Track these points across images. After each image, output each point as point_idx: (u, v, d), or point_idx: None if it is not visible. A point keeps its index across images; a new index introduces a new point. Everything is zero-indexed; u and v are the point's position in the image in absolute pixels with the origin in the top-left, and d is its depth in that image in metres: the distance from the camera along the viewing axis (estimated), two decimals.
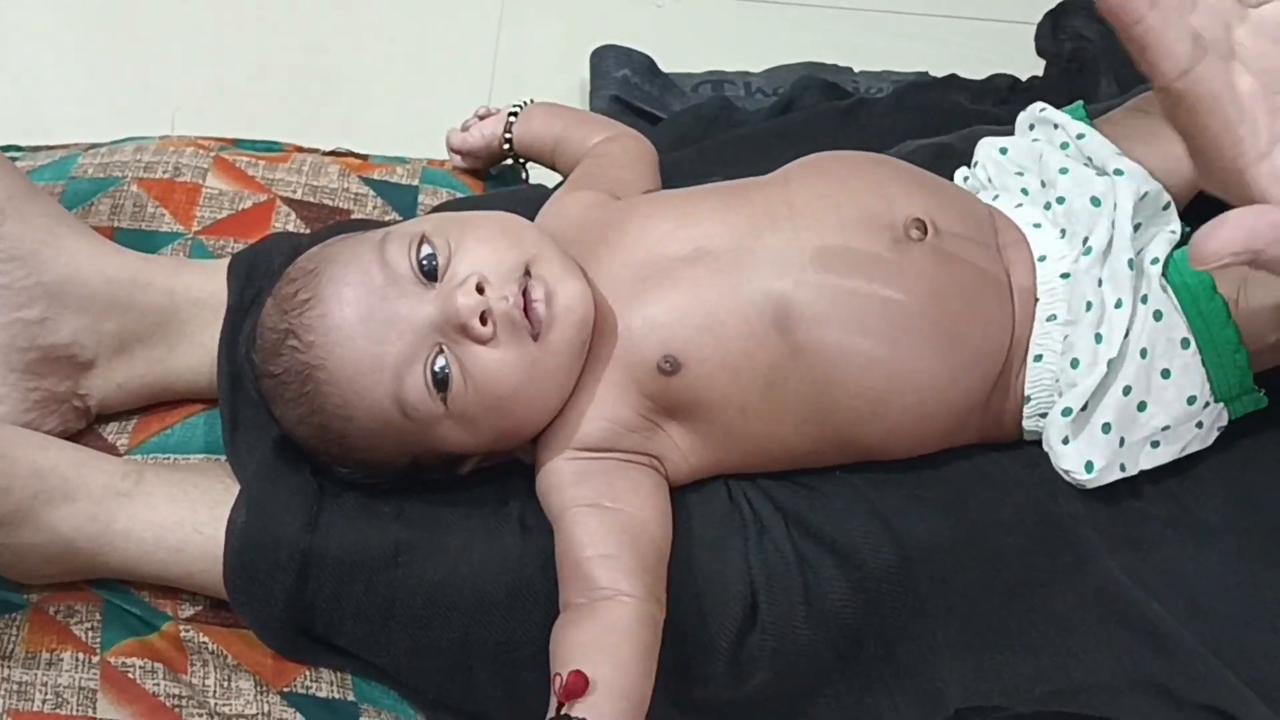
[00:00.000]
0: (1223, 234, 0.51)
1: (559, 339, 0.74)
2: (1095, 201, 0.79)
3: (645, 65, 1.24)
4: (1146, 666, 0.74)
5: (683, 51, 1.28)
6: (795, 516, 0.78)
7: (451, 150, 1.09)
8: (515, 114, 1.04)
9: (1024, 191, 0.84)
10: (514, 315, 0.73)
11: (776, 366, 0.75)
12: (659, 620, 0.72)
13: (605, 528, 0.74)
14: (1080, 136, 0.83)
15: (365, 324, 0.73)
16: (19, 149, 1.07)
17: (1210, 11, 0.54)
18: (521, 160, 1.06)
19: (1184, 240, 0.79)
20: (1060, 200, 0.81)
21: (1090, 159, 0.82)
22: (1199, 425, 0.77)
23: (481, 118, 1.07)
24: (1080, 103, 0.87)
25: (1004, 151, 0.87)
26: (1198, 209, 0.84)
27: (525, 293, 0.73)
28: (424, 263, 0.74)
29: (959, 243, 0.78)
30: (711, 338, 0.75)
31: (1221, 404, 0.77)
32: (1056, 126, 0.85)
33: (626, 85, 1.21)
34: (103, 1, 1.32)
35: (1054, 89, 1.14)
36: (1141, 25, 0.52)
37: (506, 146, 1.04)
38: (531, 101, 1.05)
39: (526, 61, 1.29)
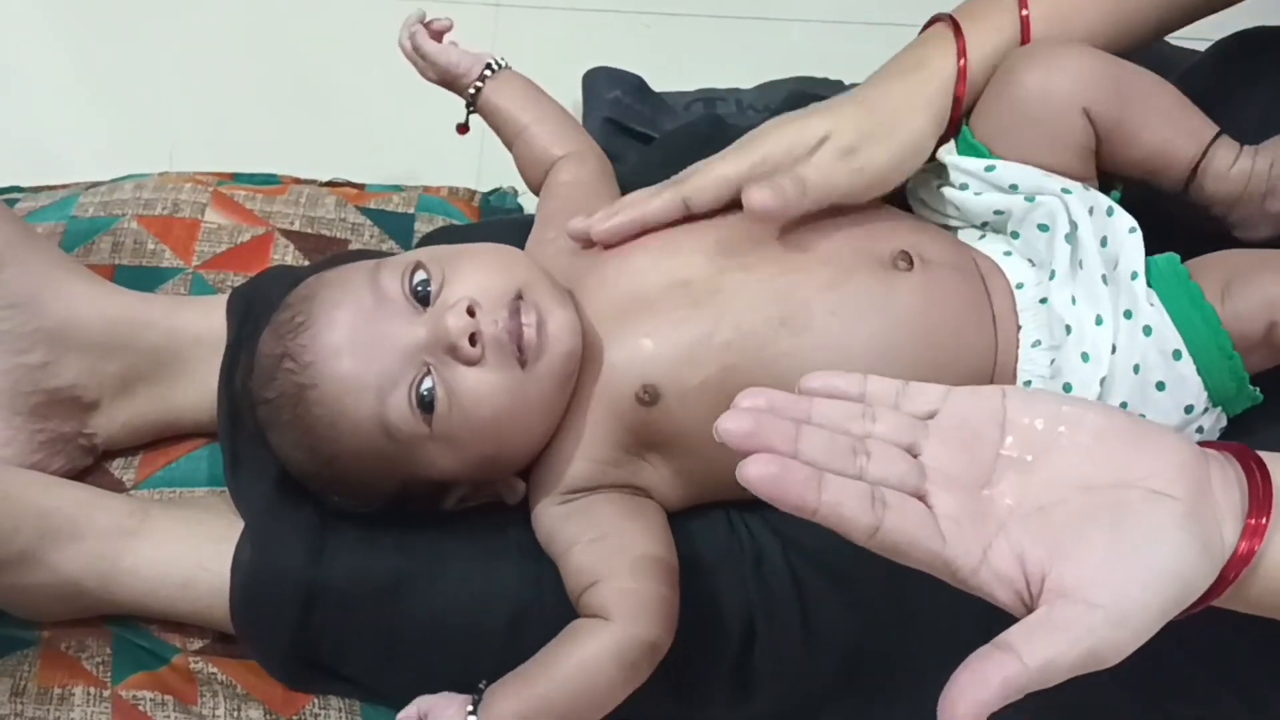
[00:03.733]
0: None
1: (546, 367, 0.74)
2: (1043, 227, 0.79)
3: (636, 86, 1.24)
4: (1134, 676, 0.74)
5: (674, 70, 1.28)
6: (791, 540, 0.79)
7: (412, 47, 0.97)
8: (490, 71, 0.95)
9: (983, 225, 0.84)
10: (503, 340, 0.73)
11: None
12: (639, 639, 0.72)
13: (593, 557, 0.75)
14: (990, 169, 0.81)
15: (353, 344, 0.74)
16: (21, 190, 1.08)
17: (886, 453, 0.56)
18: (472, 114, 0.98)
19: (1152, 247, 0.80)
20: (1015, 235, 0.81)
21: (1015, 185, 0.81)
22: (1199, 430, 0.77)
23: (442, 31, 0.97)
24: (965, 128, 0.84)
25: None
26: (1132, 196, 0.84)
27: (516, 318, 0.74)
28: (417, 288, 0.75)
29: (944, 272, 0.79)
30: (690, 369, 0.75)
31: (1219, 408, 0.77)
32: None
33: (618, 106, 1.22)
34: (100, 41, 1.34)
35: None
36: (819, 513, 0.54)
37: (471, 92, 0.95)
38: (507, 66, 0.97)
39: None
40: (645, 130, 1.20)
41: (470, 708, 0.73)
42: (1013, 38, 0.82)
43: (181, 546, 0.81)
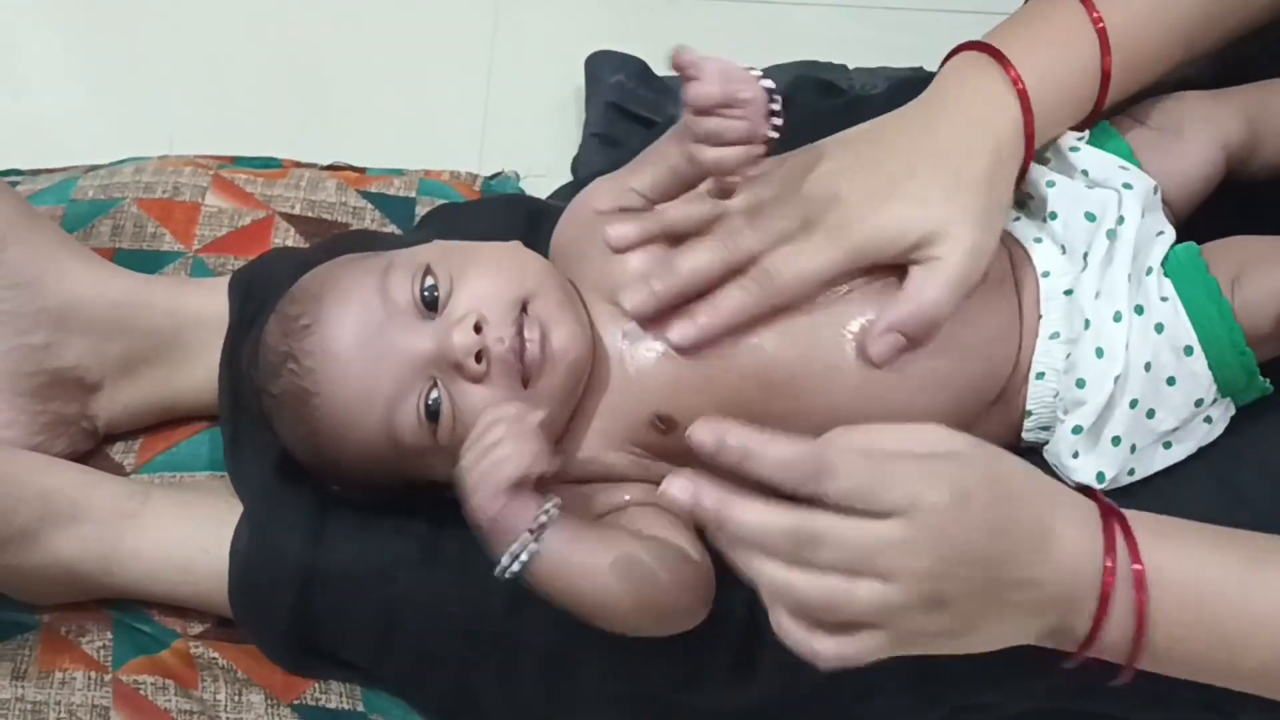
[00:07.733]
0: None
1: (548, 383, 0.72)
2: (1090, 216, 0.77)
3: (640, 70, 1.24)
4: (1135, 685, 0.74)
5: None
6: None
7: None
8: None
9: (1019, 204, 0.81)
10: (508, 359, 0.71)
11: (773, 416, 0.73)
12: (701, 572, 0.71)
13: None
14: (1074, 149, 0.79)
15: (362, 355, 0.72)
16: (20, 173, 1.07)
17: None
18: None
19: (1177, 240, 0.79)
20: (1053, 215, 0.78)
21: (1086, 171, 0.79)
22: (1208, 420, 0.77)
23: None
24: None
25: None
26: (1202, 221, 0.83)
27: (520, 332, 0.72)
28: (426, 294, 0.73)
29: None
30: (705, 398, 0.73)
31: (1228, 398, 0.77)
32: None
33: (621, 91, 1.21)
34: (100, 23, 1.33)
35: None
36: None
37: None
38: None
39: (522, 70, 1.29)
40: (649, 115, 1.20)
41: (544, 516, 0.68)
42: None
43: (181, 529, 0.81)
